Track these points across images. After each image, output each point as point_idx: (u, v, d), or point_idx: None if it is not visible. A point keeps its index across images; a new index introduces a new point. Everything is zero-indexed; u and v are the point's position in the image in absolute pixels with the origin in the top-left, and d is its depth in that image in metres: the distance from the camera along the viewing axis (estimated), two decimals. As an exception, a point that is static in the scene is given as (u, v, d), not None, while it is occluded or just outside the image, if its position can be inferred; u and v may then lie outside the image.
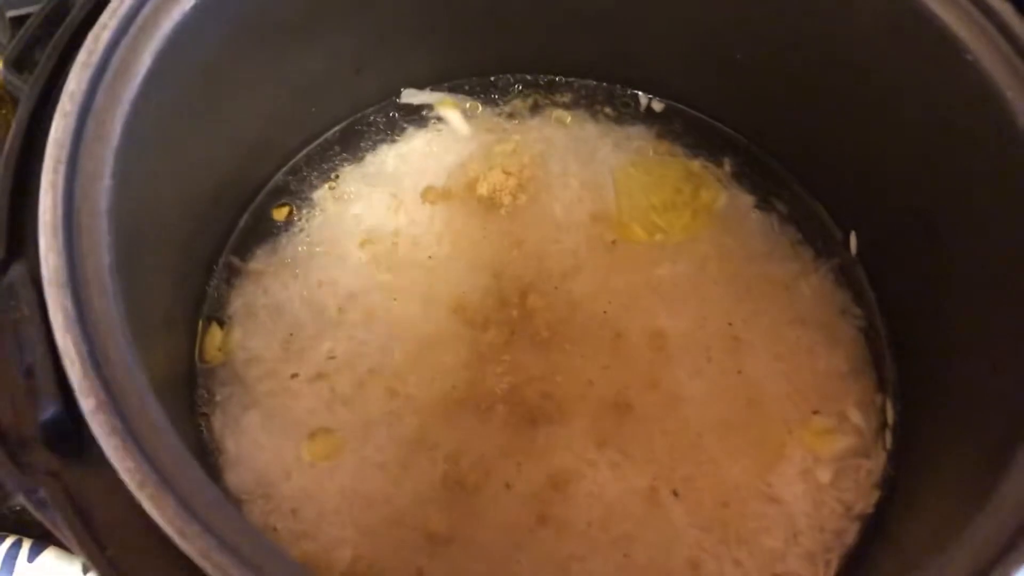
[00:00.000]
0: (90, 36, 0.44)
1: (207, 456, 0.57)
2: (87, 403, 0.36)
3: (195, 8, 0.48)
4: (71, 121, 0.42)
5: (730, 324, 0.63)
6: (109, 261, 0.40)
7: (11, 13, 0.77)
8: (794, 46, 0.61)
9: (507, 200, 0.67)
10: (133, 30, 0.46)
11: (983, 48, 0.50)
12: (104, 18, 0.45)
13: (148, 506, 0.34)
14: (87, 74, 0.43)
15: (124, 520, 0.36)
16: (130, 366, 0.38)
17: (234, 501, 0.57)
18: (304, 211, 0.66)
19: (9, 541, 0.66)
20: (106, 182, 0.42)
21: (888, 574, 0.53)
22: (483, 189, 0.67)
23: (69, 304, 0.38)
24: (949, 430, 0.55)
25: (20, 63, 0.47)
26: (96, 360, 0.37)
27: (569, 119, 0.72)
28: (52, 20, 0.48)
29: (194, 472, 0.36)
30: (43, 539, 0.66)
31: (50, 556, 0.65)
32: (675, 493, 0.58)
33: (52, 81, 0.46)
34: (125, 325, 0.39)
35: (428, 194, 0.67)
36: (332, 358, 0.61)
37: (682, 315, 0.63)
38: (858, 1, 0.55)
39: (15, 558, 0.65)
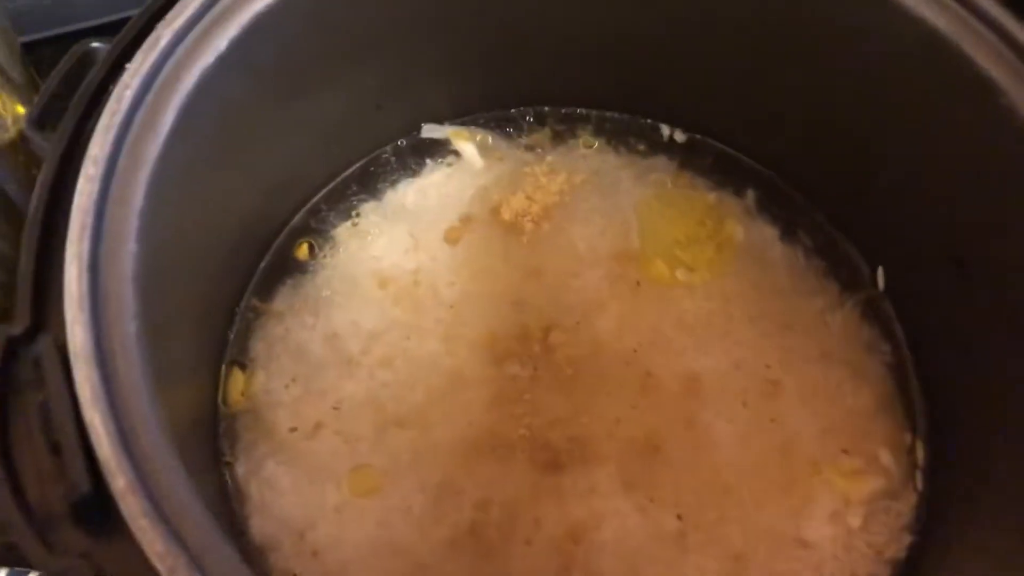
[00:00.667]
0: (112, 98, 0.44)
1: (231, 504, 0.57)
2: (116, 483, 0.36)
3: (217, 62, 0.47)
4: (95, 186, 0.42)
5: (766, 366, 0.62)
6: (136, 328, 0.40)
7: (24, 39, 0.77)
8: (820, 81, 0.60)
9: (529, 227, 0.67)
10: (155, 88, 0.45)
11: (1017, 90, 0.49)
12: (126, 78, 0.45)
13: (179, 591, 0.34)
14: (110, 137, 0.43)
15: (152, 604, 0.35)
16: (159, 441, 0.38)
17: (259, 548, 0.56)
18: (325, 249, 0.66)
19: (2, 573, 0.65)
20: (131, 247, 0.42)
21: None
22: (506, 214, 0.67)
23: (96, 379, 0.37)
24: (983, 474, 0.55)
25: (43, 121, 0.47)
26: (125, 436, 0.37)
27: (590, 151, 0.71)
28: (73, 76, 0.48)
29: (226, 553, 0.36)
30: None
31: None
32: (704, 537, 0.57)
33: (74, 140, 0.45)
34: (153, 395, 0.39)
35: (450, 234, 0.66)
36: (355, 400, 0.61)
37: (711, 353, 0.62)
38: (885, 38, 0.54)
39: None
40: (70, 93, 0.47)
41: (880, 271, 0.65)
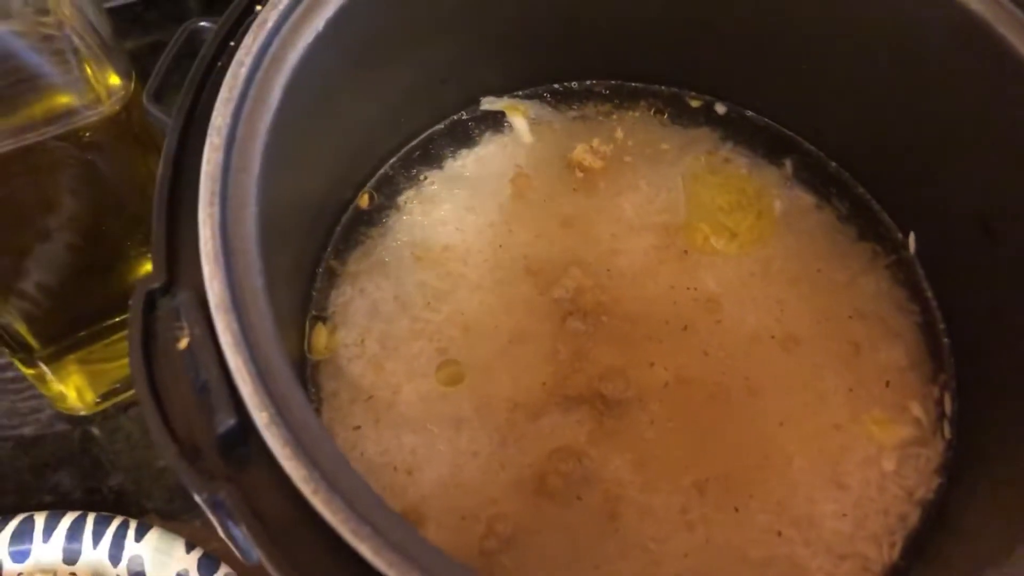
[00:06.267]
0: (229, 73, 0.48)
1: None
2: (260, 417, 0.40)
3: (315, 41, 0.52)
4: (219, 155, 0.46)
5: (805, 324, 0.66)
6: (262, 283, 0.45)
7: (108, 4, 0.81)
8: (860, 53, 0.65)
9: (580, 195, 0.72)
10: (264, 64, 0.49)
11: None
12: (240, 55, 0.49)
13: (321, 509, 0.39)
14: (230, 108, 0.47)
15: (293, 522, 0.40)
16: (289, 380, 0.42)
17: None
18: (393, 215, 0.70)
19: (117, 521, 0.71)
20: (252, 209, 0.46)
21: (950, 559, 0.57)
22: (558, 183, 0.72)
23: (236, 327, 0.42)
24: (1008, 424, 0.59)
25: (159, 95, 0.51)
26: (263, 377, 0.41)
27: (636, 123, 0.76)
28: (183, 54, 0.52)
29: (356, 478, 0.40)
30: (144, 521, 0.71)
31: (154, 536, 0.70)
32: (747, 478, 0.62)
33: (191, 113, 0.50)
34: (280, 341, 0.43)
35: (507, 200, 0.71)
36: (424, 355, 0.65)
37: (754, 312, 0.67)
38: (924, 13, 0.58)
39: (124, 537, 0.70)
40: (181, 70, 0.52)
41: (912, 236, 0.70)
